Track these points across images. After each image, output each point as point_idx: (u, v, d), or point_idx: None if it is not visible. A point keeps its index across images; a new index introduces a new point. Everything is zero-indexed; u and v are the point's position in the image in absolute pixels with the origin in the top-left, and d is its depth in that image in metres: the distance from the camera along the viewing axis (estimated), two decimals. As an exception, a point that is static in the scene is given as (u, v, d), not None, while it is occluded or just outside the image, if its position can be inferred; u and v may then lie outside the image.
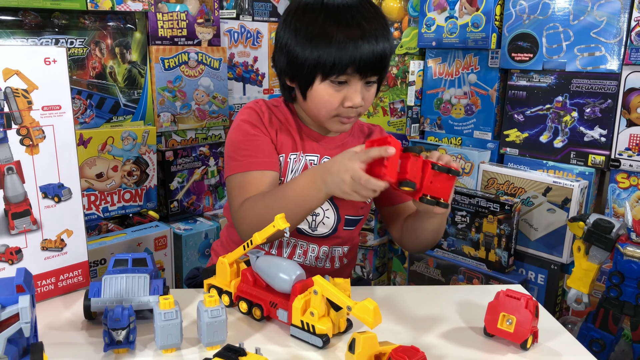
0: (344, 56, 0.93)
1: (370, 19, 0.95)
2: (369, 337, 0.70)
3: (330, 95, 0.97)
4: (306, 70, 0.97)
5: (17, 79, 0.80)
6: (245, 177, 1.00)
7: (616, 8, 1.34)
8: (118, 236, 1.51)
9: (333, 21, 0.94)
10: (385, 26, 0.98)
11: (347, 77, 0.95)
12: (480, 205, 1.51)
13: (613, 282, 1.07)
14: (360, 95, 0.97)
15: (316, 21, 0.95)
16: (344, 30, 0.93)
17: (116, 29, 1.59)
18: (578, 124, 1.45)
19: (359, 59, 0.93)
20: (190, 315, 0.84)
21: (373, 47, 0.94)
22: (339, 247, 1.10)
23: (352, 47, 0.92)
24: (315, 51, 0.94)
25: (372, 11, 0.97)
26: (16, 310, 0.59)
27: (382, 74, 1.01)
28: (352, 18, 0.94)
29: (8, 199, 0.82)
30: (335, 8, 0.95)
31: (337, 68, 0.93)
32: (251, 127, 1.03)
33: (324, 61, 0.94)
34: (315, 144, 1.07)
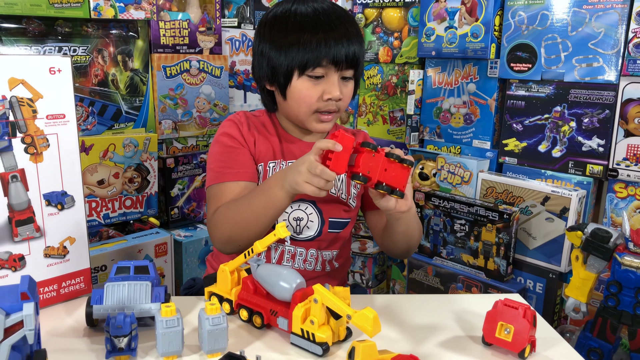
0: (318, 49, 0.97)
1: (340, 22, 1.00)
2: (369, 346, 0.71)
3: (308, 89, 1.01)
4: (283, 70, 1.01)
5: (23, 88, 0.81)
6: (220, 187, 1.04)
7: (614, 20, 1.35)
8: (119, 243, 1.51)
9: (302, 25, 0.99)
10: (356, 29, 1.03)
11: (323, 70, 0.99)
12: (479, 213, 1.51)
13: (611, 291, 1.07)
14: (338, 88, 1.00)
15: (286, 26, 1.00)
16: (315, 33, 0.98)
17: (119, 37, 1.60)
18: (576, 134, 1.46)
19: (332, 52, 0.97)
20: (192, 322, 0.85)
21: (344, 41, 0.98)
22: (327, 250, 1.11)
23: (323, 42, 0.97)
24: (289, 53, 0.99)
25: (343, 15, 1.02)
26: (20, 318, 0.60)
27: (357, 70, 1.04)
28: (322, 22, 0.99)
29: (12, 206, 0.83)
30: (305, 14, 1.00)
31: (311, 61, 0.98)
32: (229, 139, 1.07)
33: (299, 56, 0.98)
34: (295, 149, 1.10)
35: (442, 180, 1.68)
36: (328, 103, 1.02)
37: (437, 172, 1.69)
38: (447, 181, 1.67)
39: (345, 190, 1.11)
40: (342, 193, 1.11)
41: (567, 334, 1.24)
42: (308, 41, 0.98)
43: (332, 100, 1.01)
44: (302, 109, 1.03)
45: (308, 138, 1.12)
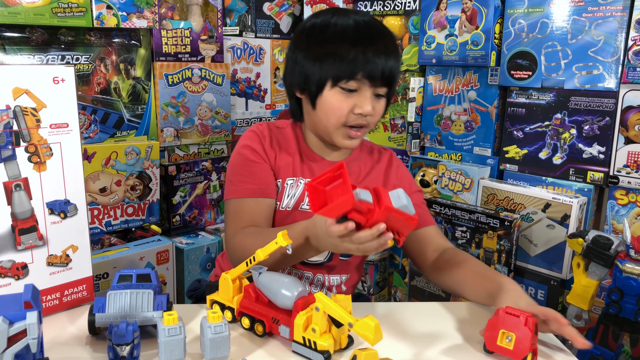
0: (355, 62, 0.95)
1: (379, 36, 0.98)
2: (370, 354, 0.71)
3: (339, 101, 0.98)
4: (316, 79, 0.99)
5: (27, 97, 0.82)
6: (240, 204, 1.02)
7: (613, 28, 1.36)
8: (120, 250, 1.52)
9: (342, 37, 0.97)
10: (394, 45, 1.00)
11: (357, 83, 0.97)
12: (480, 220, 1.52)
13: (612, 298, 1.08)
14: (370, 103, 0.98)
15: (325, 37, 0.98)
16: (354, 46, 0.96)
17: (121, 45, 1.61)
18: (577, 141, 1.47)
19: (369, 66, 0.95)
20: (194, 330, 0.85)
21: (383, 57, 0.96)
22: (335, 275, 1.09)
23: (361, 55, 0.95)
24: (325, 63, 0.97)
25: (382, 30, 1.00)
26: (24, 327, 0.60)
27: (391, 87, 1.02)
28: (362, 35, 0.97)
29: (15, 215, 0.83)
30: (344, 26, 0.98)
31: (346, 73, 0.96)
32: (251, 153, 1.05)
33: (335, 67, 0.96)
34: (316, 167, 1.07)
35: (443, 188, 1.68)
36: (358, 117, 0.99)
37: (438, 179, 1.69)
38: (448, 188, 1.67)
39: None
40: None
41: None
42: (345, 53, 0.95)
43: (362, 115, 0.99)
44: (331, 120, 1.00)
45: (331, 157, 1.10)
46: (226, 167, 1.84)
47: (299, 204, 1.05)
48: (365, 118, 1.00)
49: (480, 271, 1.00)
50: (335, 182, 0.75)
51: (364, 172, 1.12)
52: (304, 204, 1.04)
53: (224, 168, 1.85)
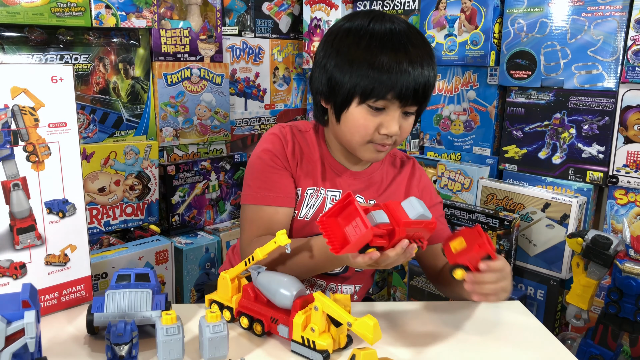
0: (386, 80, 0.89)
1: (417, 45, 0.92)
2: (369, 353, 0.71)
3: (365, 119, 0.93)
4: (344, 92, 0.93)
5: (25, 96, 0.82)
6: (258, 211, 1.00)
7: (613, 27, 1.36)
8: (119, 250, 1.51)
9: (378, 45, 0.90)
10: (431, 55, 0.95)
11: (385, 103, 0.92)
12: (479, 220, 1.52)
13: (612, 298, 1.07)
14: (397, 124, 0.93)
15: (359, 44, 0.92)
16: (388, 54, 0.89)
17: (120, 45, 1.61)
18: (576, 141, 1.47)
19: (400, 85, 0.89)
20: (192, 330, 0.85)
21: (418, 73, 0.90)
22: (349, 285, 1.08)
23: (395, 72, 0.89)
24: (356, 74, 0.91)
25: (419, 38, 0.94)
26: (22, 326, 0.60)
27: (422, 105, 0.96)
28: (399, 43, 0.91)
29: (13, 214, 0.83)
30: (381, 33, 0.92)
31: (376, 92, 0.90)
32: (271, 158, 1.01)
33: (364, 83, 0.91)
34: (338, 178, 1.05)
35: (443, 187, 1.68)
36: (383, 137, 0.95)
37: (438, 179, 1.69)
38: (447, 188, 1.67)
39: None
40: None
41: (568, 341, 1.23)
42: (378, 69, 0.89)
43: (388, 135, 0.94)
44: (355, 137, 0.96)
45: (355, 167, 1.07)
46: (225, 167, 1.84)
47: (318, 214, 1.01)
48: (392, 138, 0.96)
49: None
50: (346, 211, 0.75)
51: (386, 183, 1.09)
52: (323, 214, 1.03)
53: (223, 168, 1.85)
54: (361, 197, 1.05)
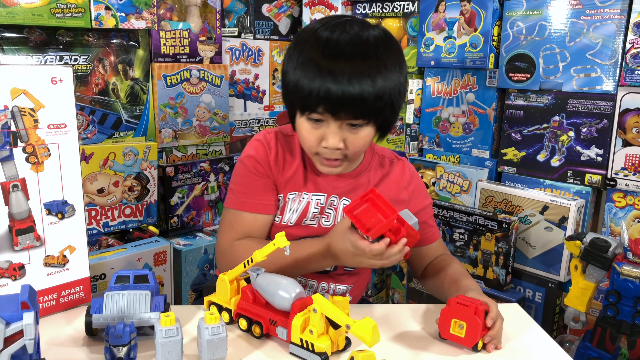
0: (313, 93, 0.86)
1: (368, 56, 0.87)
2: (368, 356, 0.71)
3: (307, 131, 0.92)
4: (290, 101, 0.94)
5: (24, 98, 0.82)
6: (238, 216, 1.01)
7: (611, 30, 1.36)
8: (118, 251, 1.51)
9: (318, 53, 0.87)
10: (378, 67, 0.87)
11: (319, 116, 0.89)
12: (478, 223, 1.52)
13: (610, 301, 1.08)
14: (337, 137, 0.89)
15: (302, 52, 0.90)
16: (323, 63, 0.86)
17: (119, 46, 1.61)
18: (575, 144, 1.47)
19: (326, 99, 0.85)
20: (191, 332, 0.85)
21: (344, 87, 0.84)
22: (342, 285, 1.08)
23: (319, 84, 0.85)
24: (294, 82, 0.89)
25: (371, 50, 0.88)
26: (20, 327, 0.60)
27: (370, 117, 0.89)
28: (341, 53, 0.87)
29: (12, 215, 0.83)
30: (325, 41, 0.88)
31: (308, 105, 0.88)
32: (254, 165, 1.01)
33: (299, 94, 0.88)
34: (321, 181, 1.03)
35: (442, 190, 1.68)
36: (327, 151, 0.92)
37: (436, 181, 1.69)
38: (446, 190, 1.67)
39: None
40: None
41: (566, 343, 1.24)
42: (308, 83, 0.86)
43: (328, 148, 0.91)
44: (305, 148, 0.96)
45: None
46: (224, 169, 1.84)
47: (302, 219, 1.01)
48: (337, 152, 0.91)
49: (455, 276, 1.01)
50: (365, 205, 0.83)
51: (372, 184, 1.07)
52: (306, 219, 1.02)
53: (222, 169, 1.85)
54: (347, 200, 1.04)
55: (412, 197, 1.09)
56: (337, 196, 1.03)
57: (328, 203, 1.03)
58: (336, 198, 1.03)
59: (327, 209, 1.03)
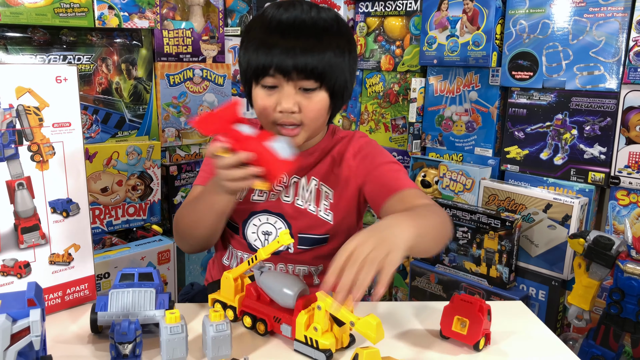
0: (268, 56, 0.91)
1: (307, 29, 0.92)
2: (372, 352, 0.71)
3: (263, 99, 0.95)
4: (243, 75, 0.98)
5: (29, 96, 0.82)
6: (194, 189, 1.06)
7: (614, 28, 1.36)
8: (122, 250, 1.52)
9: (265, 32, 0.93)
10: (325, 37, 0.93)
11: (273, 80, 0.92)
12: (481, 221, 1.52)
13: (613, 299, 1.08)
14: (291, 100, 0.92)
15: (252, 31, 0.96)
16: (270, 37, 0.92)
17: (123, 45, 1.62)
18: (578, 142, 1.47)
19: (276, 61, 0.90)
20: (196, 329, 0.85)
21: (292, 47, 0.90)
22: (302, 266, 1.06)
23: (277, 48, 0.90)
24: (247, 58, 0.95)
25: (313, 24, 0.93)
26: (27, 324, 0.60)
27: (320, 79, 0.93)
28: (283, 28, 0.92)
29: (18, 213, 0.84)
30: (270, 20, 0.94)
31: (260, 69, 0.92)
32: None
33: (253, 63, 0.93)
34: None
35: (444, 188, 1.68)
36: (284, 115, 0.94)
37: (439, 180, 1.69)
38: (449, 189, 1.67)
39: (314, 202, 1.03)
40: (310, 205, 1.03)
41: (570, 341, 1.24)
42: (261, 48, 0.92)
43: (284, 112, 0.93)
44: (262, 119, 0.98)
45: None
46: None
47: (250, 195, 1.05)
48: (293, 116, 0.94)
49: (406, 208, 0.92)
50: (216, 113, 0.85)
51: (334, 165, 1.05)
52: (254, 194, 1.05)
53: (225, 168, 1.85)
54: (297, 178, 1.04)
55: (361, 163, 1.04)
56: (286, 174, 1.03)
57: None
58: (285, 175, 1.04)
59: (277, 186, 1.05)
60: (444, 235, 0.89)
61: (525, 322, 0.94)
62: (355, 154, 1.05)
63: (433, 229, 0.86)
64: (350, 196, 1.04)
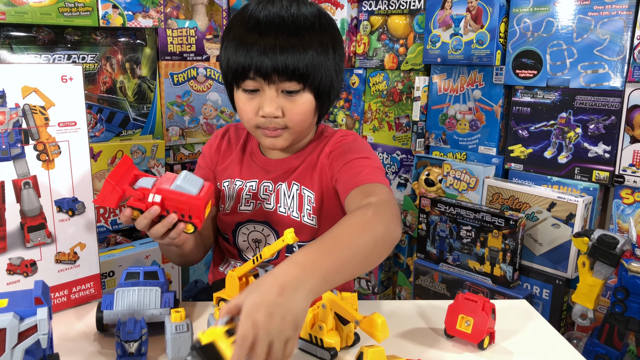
0: (243, 61, 0.88)
1: (288, 27, 0.88)
2: (377, 351, 0.71)
3: (244, 103, 0.92)
4: (226, 79, 0.95)
5: (35, 96, 0.83)
6: None
7: (619, 26, 1.36)
8: (126, 249, 1.52)
9: (245, 29, 0.89)
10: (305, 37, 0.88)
11: (254, 83, 0.89)
12: (485, 220, 1.52)
13: (618, 297, 1.08)
14: (273, 104, 0.89)
15: (232, 31, 0.92)
16: (250, 35, 0.88)
17: (127, 44, 1.62)
18: (582, 140, 1.47)
19: (254, 63, 0.86)
20: (200, 328, 0.85)
21: (272, 48, 0.86)
22: None
23: (255, 49, 0.87)
24: (226, 61, 0.92)
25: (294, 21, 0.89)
26: (34, 322, 0.61)
27: (303, 80, 0.89)
28: (263, 27, 0.88)
29: (24, 212, 0.84)
30: (249, 19, 0.90)
31: (240, 73, 0.89)
32: (201, 158, 1.11)
33: (232, 69, 0.90)
34: (257, 168, 1.04)
35: (448, 187, 1.68)
36: (267, 120, 0.91)
37: (443, 179, 1.69)
38: (453, 187, 1.67)
39: (297, 208, 1.00)
40: (293, 212, 1.01)
41: (574, 340, 1.24)
42: (239, 48, 0.88)
43: (266, 117, 0.90)
44: (245, 124, 0.96)
45: (275, 154, 1.03)
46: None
47: (237, 205, 1.03)
48: (276, 121, 0.91)
49: None
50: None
51: (311, 166, 1.02)
52: (241, 205, 1.03)
53: (229, 167, 1.86)
54: (283, 184, 1.01)
55: (333, 162, 0.99)
56: (270, 181, 1.02)
57: (262, 188, 1.02)
58: (270, 183, 1.02)
59: (263, 194, 1.02)
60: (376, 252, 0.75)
61: (529, 321, 0.94)
62: (328, 154, 1.00)
63: (356, 254, 0.71)
64: (331, 196, 0.99)
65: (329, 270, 0.66)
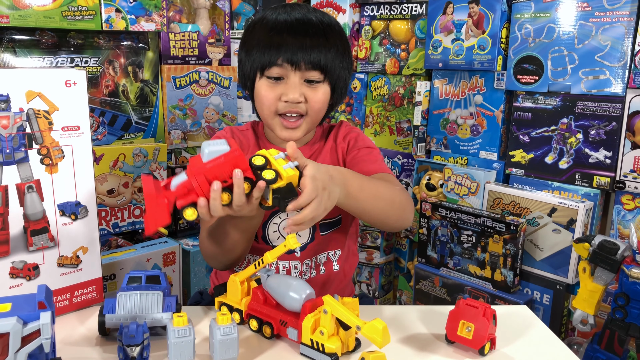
0: (275, 49, 0.95)
1: (312, 28, 0.97)
2: (378, 357, 0.71)
3: (267, 90, 0.98)
4: (248, 71, 1.01)
5: (39, 100, 0.83)
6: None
7: (620, 33, 1.37)
8: (128, 252, 1.52)
9: (271, 28, 0.98)
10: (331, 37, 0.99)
11: (280, 70, 0.96)
12: (486, 225, 1.52)
13: (618, 303, 1.08)
14: (297, 90, 0.97)
15: (253, 30, 1.01)
16: (277, 32, 0.97)
17: (129, 48, 1.63)
18: (583, 146, 1.47)
19: (287, 51, 0.95)
20: (202, 332, 0.86)
21: (302, 40, 0.95)
22: (322, 253, 1.08)
23: (284, 42, 0.95)
24: (253, 52, 0.99)
25: (317, 25, 0.98)
26: (38, 327, 0.61)
27: (326, 74, 0.99)
28: (289, 26, 0.97)
29: (27, 216, 0.84)
30: (275, 20, 0.99)
31: (267, 60, 0.96)
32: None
33: (259, 57, 0.97)
34: None
35: (449, 191, 1.68)
36: (288, 105, 0.98)
37: (444, 183, 1.70)
38: (454, 192, 1.68)
39: None
40: None
41: (574, 346, 1.24)
42: (268, 41, 0.96)
43: (289, 102, 0.97)
44: (264, 111, 1.01)
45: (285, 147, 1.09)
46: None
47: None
48: (297, 106, 0.98)
49: None
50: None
51: (314, 158, 1.08)
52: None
53: (230, 170, 1.86)
54: None
55: (347, 144, 1.10)
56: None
57: None
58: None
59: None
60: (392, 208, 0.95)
61: (530, 326, 0.94)
62: (344, 137, 1.11)
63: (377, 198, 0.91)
64: None
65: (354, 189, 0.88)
